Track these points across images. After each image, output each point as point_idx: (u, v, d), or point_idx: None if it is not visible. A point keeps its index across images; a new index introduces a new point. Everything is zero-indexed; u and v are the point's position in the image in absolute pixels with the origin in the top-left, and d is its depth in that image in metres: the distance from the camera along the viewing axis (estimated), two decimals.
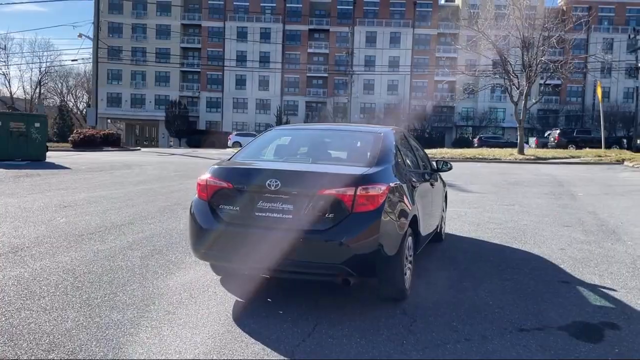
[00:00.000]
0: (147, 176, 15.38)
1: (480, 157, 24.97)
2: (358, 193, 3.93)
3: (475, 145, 47.54)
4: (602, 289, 4.98)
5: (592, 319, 4.17)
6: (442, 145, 58.01)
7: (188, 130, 63.56)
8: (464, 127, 65.36)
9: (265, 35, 68.96)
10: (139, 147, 45.87)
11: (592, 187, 14.73)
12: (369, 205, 3.95)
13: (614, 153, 28.20)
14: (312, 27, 69.15)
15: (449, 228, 7.74)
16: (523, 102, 25.30)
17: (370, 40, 67.79)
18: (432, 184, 5.89)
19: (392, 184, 4.23)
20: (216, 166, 4.50)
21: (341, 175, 4.13)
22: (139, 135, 74.34)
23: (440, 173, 6.74)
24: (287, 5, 69.05)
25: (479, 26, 25.72)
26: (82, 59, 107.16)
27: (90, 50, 49.05)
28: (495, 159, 24.58)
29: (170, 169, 18.25)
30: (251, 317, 4.08)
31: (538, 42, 24.59)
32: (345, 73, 63.50)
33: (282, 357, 3.38)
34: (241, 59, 69.51)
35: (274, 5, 69.36)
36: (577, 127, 65.26)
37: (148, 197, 10.55)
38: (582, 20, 26.84)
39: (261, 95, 69.87)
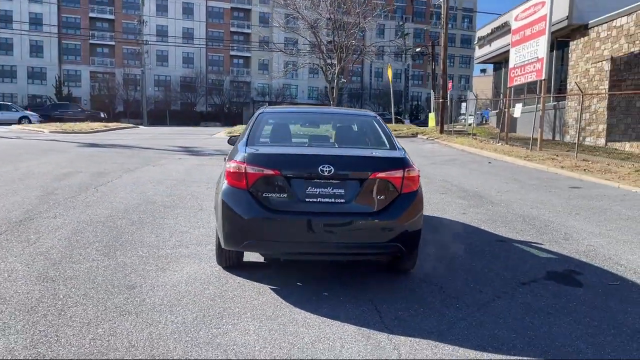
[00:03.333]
0: None
1: None
2: (405, 175, 4.26)
3: None
4: (533, 244, 6.16)
5: (557, 269, 5.22)
6: (241, 121, 58.85)
7: None
8: (261, 102, 67.02)
9: None
10: None
11: (415, 158, 16.90)
12: (412, 186, 4.31)
13: (405, 127, 32.32)
14: None
15: None
16: (335, 81, 27.33)
17: (162, 8, 64.43)
18: None
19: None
20: (252, 153, 4.30)
21: (389, 159, 4.39)
22: None
23: None
24: None
25: (296, 5, 26.72)
26: None
27: None
28: None
29: None
30: (306, 302, 4.12)
31: (347, 25, 26.72)
32: (136, 42, 59.50)
33: (384, 334, 3.59)
34: (4, 19, 59.73)
35: None
36: (353, 104, 72.21)
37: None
38: (390, 8, 29.83)
39: (34, 63, 61.40)
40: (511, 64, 21.29)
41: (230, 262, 4.73)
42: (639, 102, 17.84)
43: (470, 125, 27.84)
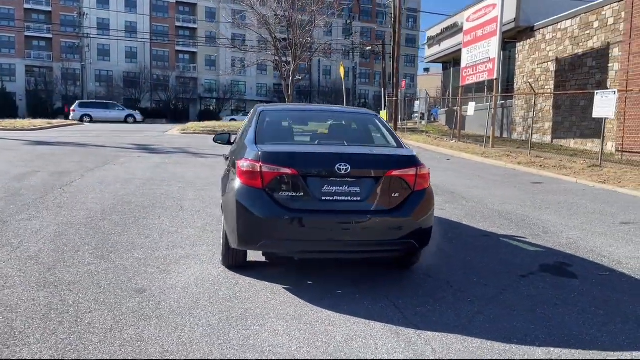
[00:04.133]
0: None
1: None
2: (418, 173, 4.33)
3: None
4: (517, 238, 6.39)
5: (547, 262, 5.44)
6: (187, 118, 57.65)
7: None
8: (209, 99, 65.95)
9: None
10: None
11: None
12: (424, 183, 4.38)
13: None
14: None
15: None
16: (291, 78, 27.26)
17: (103, 1, 61.95)
18: None
19: None
20: (267, 151, 4.23)
21: (402, 157, 4.44)
22: None
23: None
24: None
25: (251, 1, 26.35)
26: None
27: None
28: None
29: None
30: (323, 300, 4.10)
31: (301, 23, 26.72)
32: (76, 35, 57.17)
33: (411, 330, 3.64)
34: None
35: None
36: (302, 100, 72.07)
37: None
38: (340, 7, 30.02)
39: None
40: (463, 64, 21.94)
41: (236, 261, 4.66)
42: (582, 101, 18.82)
43: (422, 122, 28.52)
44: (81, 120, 36.12)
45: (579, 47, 19.37)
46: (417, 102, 27.33)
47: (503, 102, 24.78)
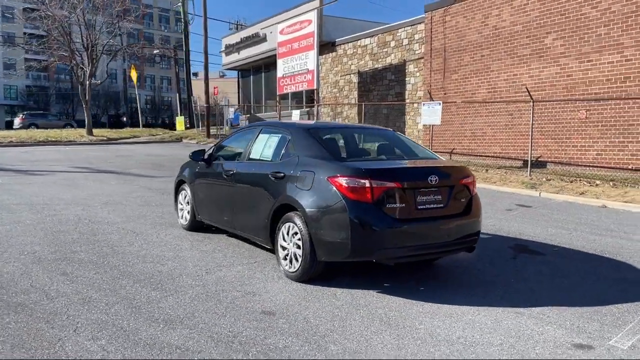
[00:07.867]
0: None
1: (54, 140, 23.04)
2: (473, 180, 5.14)
3: None
4: None
5: (509, 244, 6.75)
6: None
7: None
8: None
9: None
10: None
11: None
12: (474, 189, 5.21)
13: (162, 132, 31.43)
14: None
15: None
16: (88, 82, 24.83)
17: None
18: None
19: None
20: (371, 169, 4.54)
21: (463, 167, 5.18)
22: None
23: None
24: None
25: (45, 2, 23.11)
26: None
27: None
28: (70, 141, 23.28)
29: None
30: (424, 297, 4.60)
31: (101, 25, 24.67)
32: None
33: (520, 308, 4.41)
34: None
35: None
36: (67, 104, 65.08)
37: None
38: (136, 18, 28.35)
39: None
40: (279, 74, 23.22)
41: (316, 274, 4.82)
42: (384, 109, 21.83)
43: (226, 128, 28.97)
44: None
45: (378, 62, 22.32)
46: (231, 109, 27.66)
47: (308, 109, 26.88)
